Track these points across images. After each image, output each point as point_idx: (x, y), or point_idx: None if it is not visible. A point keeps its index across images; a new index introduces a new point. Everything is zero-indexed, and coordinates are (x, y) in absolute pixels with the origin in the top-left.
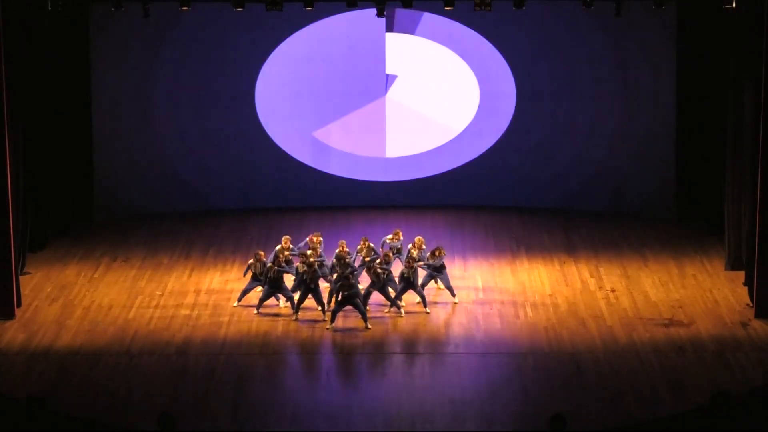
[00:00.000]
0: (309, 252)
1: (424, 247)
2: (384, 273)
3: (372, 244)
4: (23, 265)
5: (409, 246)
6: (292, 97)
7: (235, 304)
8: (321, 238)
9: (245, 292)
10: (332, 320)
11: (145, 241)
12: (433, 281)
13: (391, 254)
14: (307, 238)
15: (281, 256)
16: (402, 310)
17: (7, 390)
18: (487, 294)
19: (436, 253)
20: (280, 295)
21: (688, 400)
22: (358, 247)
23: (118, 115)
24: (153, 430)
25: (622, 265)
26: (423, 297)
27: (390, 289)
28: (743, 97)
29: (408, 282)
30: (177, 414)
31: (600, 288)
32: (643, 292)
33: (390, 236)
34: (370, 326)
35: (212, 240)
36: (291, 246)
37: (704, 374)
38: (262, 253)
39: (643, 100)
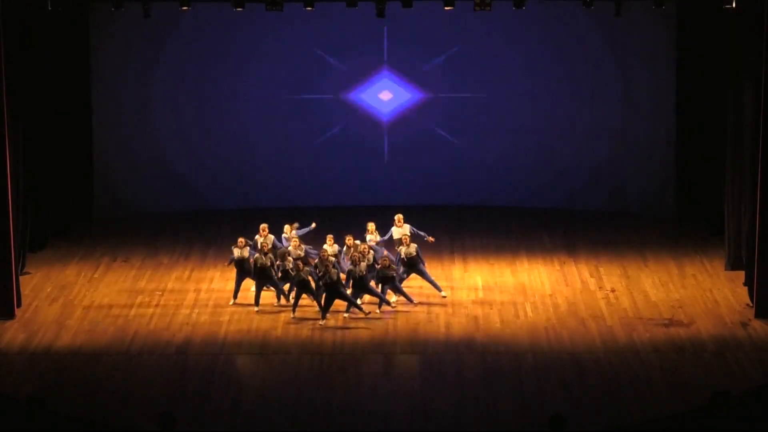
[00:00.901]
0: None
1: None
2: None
3: (358, 241)
4: (23, 265)
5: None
6: (291, 96)
7: (232, 302)
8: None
9: (238, 288)
10: (323, 316)
11: (145, 241)
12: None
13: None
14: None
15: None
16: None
17: (7, 390)
18: (487, 294)
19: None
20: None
21: (688, 400)
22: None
23: (118, 115)
24: (153, 430)
25: (622, 265)
26: (405, 294)
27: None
28: (743, 97)
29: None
30: (177, 414)
31: (600, 288)
32: (643, 292)
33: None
34: (346, 315)
35: (212, 240)
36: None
37: (704, 374)
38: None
39: (643, 100)
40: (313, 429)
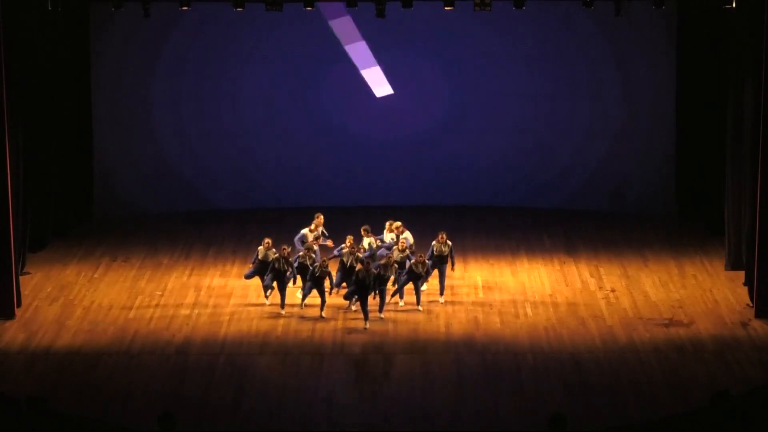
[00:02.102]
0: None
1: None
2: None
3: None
4: (23, 265)
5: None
6: (291, 96)
7: (268, 302)
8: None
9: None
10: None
11: (145, 241)
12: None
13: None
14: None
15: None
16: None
17: (7, 390)
18: (487, 294)
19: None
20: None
21: (688, 400)
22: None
23: (118, 115)
24: (153, 430)
25: (622, 265)
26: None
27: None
28: (743, 97)
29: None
30: (177, 414)
31: (600, 288)
32: (643, 292)
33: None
34: (368, 326)
35: (212, 240)
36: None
37: (704, 374)
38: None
39: (643, 100)
40: (314, 429)
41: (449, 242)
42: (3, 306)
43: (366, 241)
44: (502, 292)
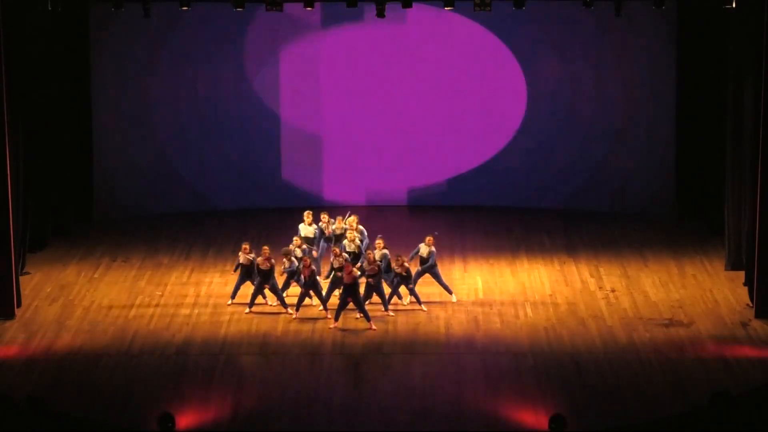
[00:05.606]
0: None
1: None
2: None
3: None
4: (23, 265)
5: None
6: (291, 96)
7: (230, 302)
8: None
9: (237, 289)
10: (336, 318)
11: (145, 241)
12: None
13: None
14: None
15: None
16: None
17: (7, 390)
18: (487, 294)
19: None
20: (268, 293)
21: (688, 400)
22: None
23: (118, 115)
24: (153, 430)
25: (622, 265)
26: (416, 295)
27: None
28: (743, 97)
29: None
30: (177, 414)
31: (600, 288)
32: (643, 292)
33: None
34: (374, 327)
35: (212, 240)
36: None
37: (704, 374)
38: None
39: (643, 100)
40: (313, 429)
41: (432, 248)
42: (3, 306)
43: (379, 254)
44: (502, 292)
